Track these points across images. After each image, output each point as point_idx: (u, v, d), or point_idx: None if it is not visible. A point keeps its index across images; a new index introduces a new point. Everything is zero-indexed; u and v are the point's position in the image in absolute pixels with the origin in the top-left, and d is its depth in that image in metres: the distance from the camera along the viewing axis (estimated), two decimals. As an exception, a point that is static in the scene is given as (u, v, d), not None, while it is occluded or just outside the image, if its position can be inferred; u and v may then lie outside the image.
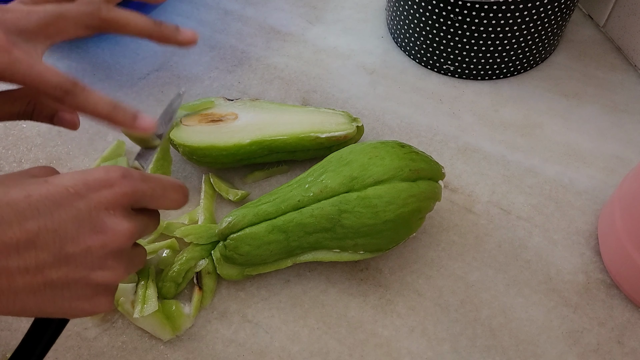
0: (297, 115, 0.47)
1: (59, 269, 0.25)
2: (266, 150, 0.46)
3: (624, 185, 0.40)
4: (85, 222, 0.25)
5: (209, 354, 0.40)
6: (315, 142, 0.46)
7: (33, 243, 0.24)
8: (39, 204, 0.24)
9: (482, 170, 0.49)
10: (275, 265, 0.42)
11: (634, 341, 0.39)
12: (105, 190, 0.26)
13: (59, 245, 0.25)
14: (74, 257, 0.25)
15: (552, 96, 0.54)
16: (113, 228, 0.26)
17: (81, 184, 0.26)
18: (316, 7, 0.65)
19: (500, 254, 0.44)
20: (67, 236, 0.25)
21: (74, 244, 0.25)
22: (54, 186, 0.25)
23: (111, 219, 0.26)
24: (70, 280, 0.26)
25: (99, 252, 0.26)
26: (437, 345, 0.40)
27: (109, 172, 0.27)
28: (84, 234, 0.25)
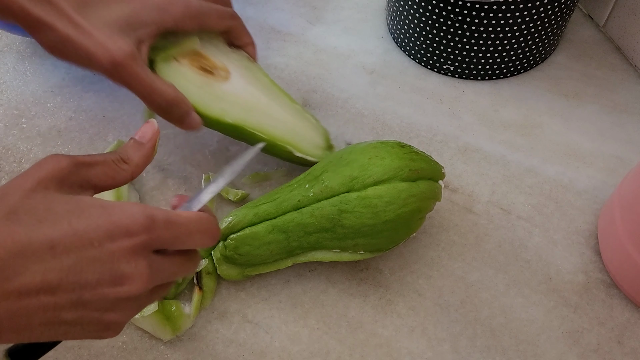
0: (283, 112, 0.45)
1: (74, 312, 0.26)
2: (243, 137, 0.44)
3: (624, 185, 0.40)
4: (105, 273, 0.26)
5: (209, 354, 0.40)
6: (288, 154, 0.45)
7: (53, 290, 0.25)
8: (62, 257, 0.25)
9: (482, 170, 0.49)
10: (275, 265, 0.42)
11: (634, 341, 0.39)
12: (127, 239, 0.26)
13: (78, 292, 0.25)
14: (90, 302, 0.26)
15: (552, 96, 0.54)
16: (131, 278, 0.27)
17: (105, 235, 0.26)
18: (316, 7, 0.65)
19: (500, 254, 0.44)
20: (87, 285, 0.25)
21: (91, 291, 0.26)
22: (79, 238, 0.25)
23: (130, 269, 0.27)
24: (83, 319, 0.26)
25: (114, 298, 0.27)
26: (437, 345, 0.40)
27: (134, 219, 0.27)
28: (102, 284, 0.26)
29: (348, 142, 0.52)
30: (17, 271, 0.24)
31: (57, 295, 0.25)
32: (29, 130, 0.54)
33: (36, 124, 0.55)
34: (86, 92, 0.57)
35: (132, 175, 0.31)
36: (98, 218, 0.26)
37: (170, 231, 0.28)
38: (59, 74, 0.58)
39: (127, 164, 0.31)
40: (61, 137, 0.53)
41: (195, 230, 0.30)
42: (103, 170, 0.29)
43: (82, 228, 0.25)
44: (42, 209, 0.25)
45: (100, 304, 0.26)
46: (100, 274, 0.26)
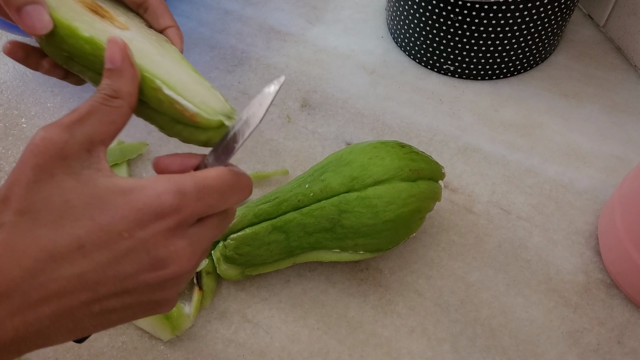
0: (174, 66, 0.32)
1: (121, 300, 0.25)
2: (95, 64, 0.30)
3: (624, 185, 0.40)
4: (143, 261, 0.24)
5: (209, 354, 0.40)
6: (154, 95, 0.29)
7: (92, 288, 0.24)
8: (94, 255, 0.23)
9: (482, 170, 0.49)
10: (275, 265, 0.42)
11: (634, 341, 0.39)
12: (158, 223, 0.24)
13: (119, 284, 0.24)
14: (135, 289, 0.25)
15: (552, 96, 0.54)
16: (171, 260, 0.25)
17: (134, 225, 0.24)
18: (316, 7, 0.65)
19: (500, 254, 0.44)
20: (127, 276, 0.24)
21: (133, 280, 0.25)
22: (106, 233, 0.24)
23: (168, 252, 0.25)
24: (133, 304, 0.25)
25: (159, 281, 0.25)
26: (437, 345, 0.40)
27: (161, 200, 0.24)
28: (143, 271, 0.25)
29: (348, 142, 0.52)
30: (51, 277, 0.23)
31: (98, 291, 0.24)
32: (29, 130, 0.54)
33: (36, 124, 0.55)
34: (86, 92, 0.57)
35: (131, 106, 0.27)
36: (122, 207, 0.24)
37: (204, 201, 0.26)
38: (59, 74, 0.58)
39: (118, 97, 0.27)
40: (61, 137, 0.53)
41: (230, 191, 0.27)
42: (99, 119, 0.26)
43: (107, 222, 0.24)
44: (58, 203, 0.24)
45: (147, 288, 0.25)
46: (138, 263, 0.24)
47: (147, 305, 0.26)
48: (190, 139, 0.31)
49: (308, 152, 0.51)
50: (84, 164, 0.25)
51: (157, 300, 0.26)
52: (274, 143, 0.52)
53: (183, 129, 0.30)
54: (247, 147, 0.52)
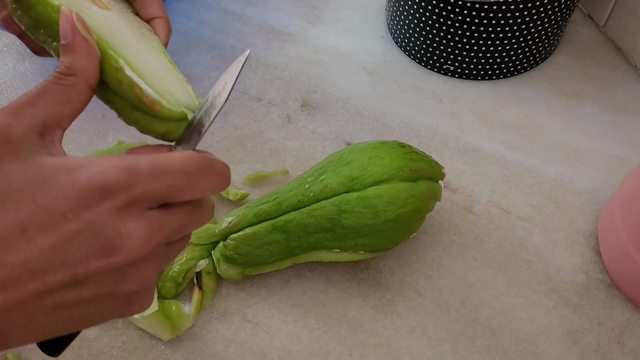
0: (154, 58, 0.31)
1: (76, 292, 0.23)
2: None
3: (624, 185, 0.40)
4: (92, 245, 0.23)
5: (209, 354, 0.40)
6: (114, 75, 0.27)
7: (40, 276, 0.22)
8: (37, 239, 0.22)
9: (482, 170, 0.49)
10: (275, 265, 0.42)
11: (634, 341, 0.39)
12: (105, 202, 0.22)
13: (69, 272, 0.22)
14: (88, 279, 0.23)
15: (552, 96, 0.54)
16: (123, 243, 0.23)
17: (78, 204, 0.22)
18: (316, 7, 0.65)
19: (500, 254, 0.44)
20: (75, 262, 0.22)
21: (83, 267, 0.23)
22: (50, 214, 0.22)
23: (119, 234, 0.23)
24: (93, 299, 0.24)
25: (114, 268, 0.23)
26: (437, 345, 0.40)
27: (106, 175, 0.22)
28: (93, 256, 0.23)
29: (348, 142, 0.52)
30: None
31: (46, 281, 0.22)
32: (29, 130, 0.54)
33: (36, 124, 0.55)
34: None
35: (88, 82, 0.25)
36: (65, 186, 0.22)
37: (162, 181, 0.23)
38: (59, 74, 0.58)
39: (73, 75, 0.25)
40: (61, 137, 0.53)
41: (198, 174, 0.24)
42: (51, 99, 0.24)
43: (49, 202, 0.22)
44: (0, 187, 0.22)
45: (102, 278, 0.23)
46: (87, 247, 0.22)
47: (111, 301, 0.24)
48: (147, 129, 0.28)
49: (308, 152, 0.51)
50: (33, 148, 0.23)
51: (121, 295, 0.24)
52: (274, 143, 0.52)
53: (141, 116, 0.28)
54: (247, 147, 0.52)
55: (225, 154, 0.51)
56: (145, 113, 0.28)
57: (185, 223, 0.25)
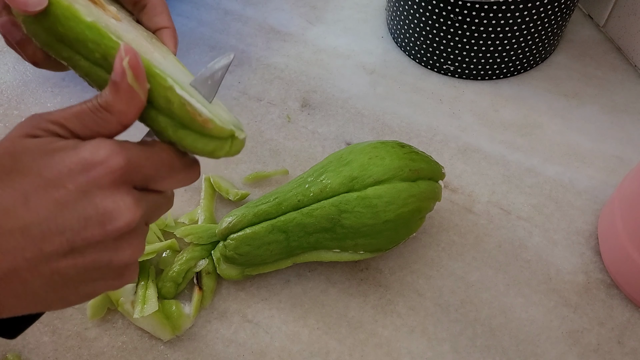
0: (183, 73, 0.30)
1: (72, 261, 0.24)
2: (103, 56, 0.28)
3: (624, 185, 0.40)
4: (89, 214, 0.24)
5: (209, 354, 0.40)
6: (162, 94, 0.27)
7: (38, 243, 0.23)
8: (38, 208, 0.23)
9: (482, 170, 0.49)
10: (275, 265, 0.42)
11: (634, 341, 0.39)
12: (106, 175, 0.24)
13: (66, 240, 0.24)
14: (84, 248, 0.24)
15: (552, 96, 0.54)
16: (117, 212, 0.25)
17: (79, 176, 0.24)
18: (316, 7, 0.65)
19: (500, 254, 0.44)
20: (73, 231, 0.24)
21: (80, 236, 0.24)
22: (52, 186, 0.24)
23: (113, 203, 0.25)
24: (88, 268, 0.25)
25: (109, 238, 0.25)
26: (437, 345, 0.40)
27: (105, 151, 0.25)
28: (90, 226, 0.24)
29: (348, 142, 0.52)
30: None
31: (43, 248, 0.23)
32: (29, 130, 0.54)
33: (36, 124, 0.55)
34: (86, 92, 0.57)
35: (122, 123, 0.26)
36: (68, 159, 0.24)
37: (152, 164, 0.26)
38: (59, 74, 0.58)
39: (109, 112, 0.26)
40: (61, 137, 0.53)
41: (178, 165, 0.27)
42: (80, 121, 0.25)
43: (54, 175, 0.24)
44: (8, 159, 0.24)
45: (97, 246, 0.25)
46: (85, 216, 0.24)
47: (106, 272, 0.26)
48: (193, 147, 0.28)
49: (308, 152, 0.51)
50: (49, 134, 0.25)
51: (116, 265, 0.26)
52: (274, 143, 0.52)
53: (187, 135, 0.27)
54: (247, 147, 0.52)
55: (225, 154, 0.51)
56: (191, 131, 0.27)
57: (157, 207, 0.28)
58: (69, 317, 0.42)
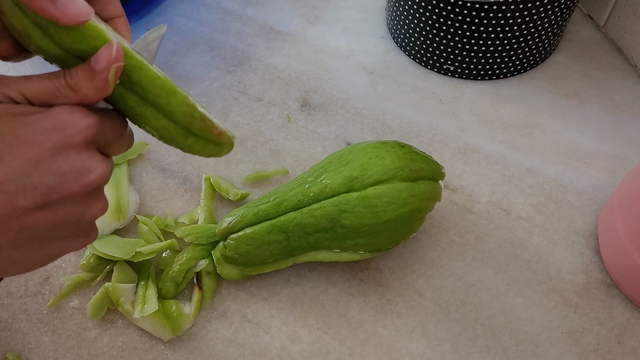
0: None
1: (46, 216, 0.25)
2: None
3: (624, 185, 0.40)
4: (65, 170, 0.25)
5: (209, 354, 0.40)
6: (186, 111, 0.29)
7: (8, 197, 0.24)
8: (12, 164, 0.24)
9: (482, 170, 0.49)
10: (275, 265, 0.42)
11: (634, 341, 0.39)
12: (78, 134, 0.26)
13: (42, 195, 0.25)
14: (60, 203, 0.25)
15: (552, 96, 0.54)
16: (92, 166, 0.26)
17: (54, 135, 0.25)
18: (316, 7, 0.65)
19: (500, 254, 0.44)
20: (49, 187, 0.25)
21: (58, 192, 0.25)
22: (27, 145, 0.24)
23: (87, 159, 0.26)
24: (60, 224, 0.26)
25: (81, 193, 0.26)
26: (437, 345, 0.40)
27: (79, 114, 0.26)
28: (66, 181, 0.25)
29: (348, 142, 0.52)
30: None
31: (16, 203, 0.24)
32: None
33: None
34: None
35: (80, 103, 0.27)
36: (43, 121, 0.25)
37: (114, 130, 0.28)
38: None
39: (73, 90, 0.27)
40: (61, 137, 0.53)
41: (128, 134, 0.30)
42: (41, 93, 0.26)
43: (27, 135, 0.24)
44: None
45: (70, 202, 0.26)
46: (59, 172, 0.25)
47: (73, 227, 0.27)
48: (201, 152, 0.31)
49: (308, 152, 0.51)
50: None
51: (83, 220, 0.27)
52: (274, 143, 0.52)
53: (195, 141, 0.30)
54: (247, 147, 0.52)
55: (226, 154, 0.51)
56: (199, 138, 0.30)
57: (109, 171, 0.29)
58: (69, 317, 0.42)
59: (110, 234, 0.45)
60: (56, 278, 0.44)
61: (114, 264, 0.43)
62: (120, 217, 0.45)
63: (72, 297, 0.43)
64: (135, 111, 0.29)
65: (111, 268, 0.43)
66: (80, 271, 0.44)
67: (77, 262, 0.45)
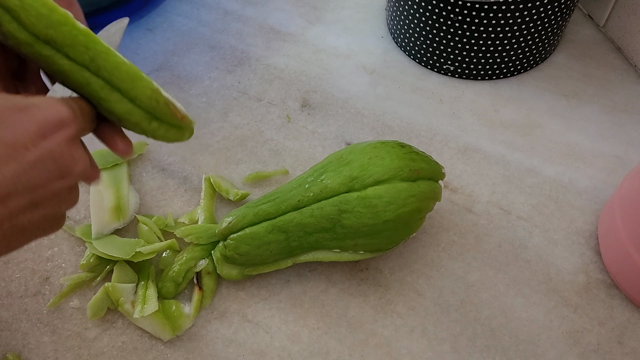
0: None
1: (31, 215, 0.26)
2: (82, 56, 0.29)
3: (624, 185, 0.40)
4: (51, 170, 0.26)
5: (209, 354, 0.40)
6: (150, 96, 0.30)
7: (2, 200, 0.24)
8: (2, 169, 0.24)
9: (482, 170, 0.49)
10: (275, 265, 0.42)
11: (634, 341, 0.39)
12: (61, 132, 0.27)
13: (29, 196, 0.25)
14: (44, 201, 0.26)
15: (552, 96, 0.54)
16: (74, 166, 0.27)
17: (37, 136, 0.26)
18: (316, 7, 0.65)
19: (500, 254, 0.44)
20: (37, 187, 0.26)
21: (43, 191, 0.26)
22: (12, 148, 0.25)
23: (71, 158, 0.27)
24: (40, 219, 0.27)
25: (66, 189, 0.27)
26: (437, 345, 0.40)
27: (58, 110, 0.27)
28: (51, 180, 0.26)
29: (348, 142, 0.52)
30: None
31: (9, 205, 0.25)
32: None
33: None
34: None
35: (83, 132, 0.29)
36: (23, 122, 0.25)
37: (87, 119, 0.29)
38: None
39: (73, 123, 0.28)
40: (61, 137, 0.53)
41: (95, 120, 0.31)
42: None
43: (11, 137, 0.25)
44: None
45: (56, 199, 0.27)
46: (47, 172, 0.26)
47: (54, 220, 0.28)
48: (164, 136, 0.32)
49: (308, 152, 0.51)
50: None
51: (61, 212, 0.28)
52: (274, 143, 0.52)
53: (159, 126, 0.31)
54: (247, 147, 0.52)
55: (225, 154, 0.51)
56: (162, 123, 0.31)
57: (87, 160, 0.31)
58: (69, 317, 0.42)
59: (110, 234, 0.45)
60: (56, 278, 0.44)
61: (114, 264, 0.43)
62: (120, 217, 0.45)
63: (72, 297, 0.43)
64: (100, 95, 0.29)
65: (111, 268, 0.43)
66: (80, 271, 0.44)
67: (77, 262, 0.45)
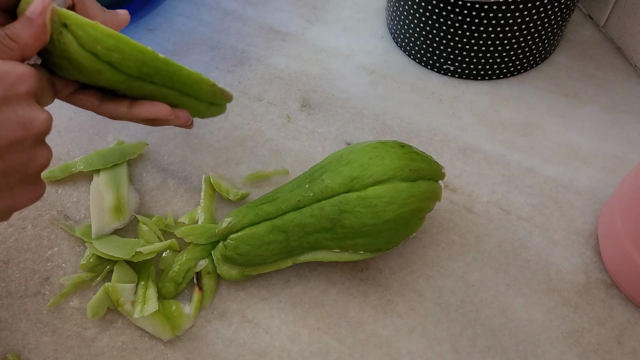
0: None
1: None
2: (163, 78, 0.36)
3: (624, 185, 0.40)
4: (13, 121, 0.27)
5: (209, 354, 0.40)
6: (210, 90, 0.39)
7: None
8: None
9: (482, 170, 0.49)
10: (275, 265, 0.42)
11: (634, 341, 0.39)
12: (21, 85, 0.27)
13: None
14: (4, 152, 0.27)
15: (552, 96, 0.54)
16: (38, 117, 0.28)
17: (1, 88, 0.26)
18: (316, 7, 0.65)
19: (500, 254, 0.44)
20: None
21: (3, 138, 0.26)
22: None
23: (35, 111, 0.28)
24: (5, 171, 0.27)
25: (28, 140, 0.28)
26: (437, 345, 0.40)
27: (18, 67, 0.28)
28: (13, 129, 0.27)
29: (348, 142, 0.52)
30: None
31: None
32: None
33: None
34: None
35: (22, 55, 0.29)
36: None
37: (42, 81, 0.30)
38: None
39: (14, 41, 0.29)
40: (61, 137, 0.53)
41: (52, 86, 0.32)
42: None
43: None
44: None
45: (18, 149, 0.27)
46: (7, 122, 0.26)
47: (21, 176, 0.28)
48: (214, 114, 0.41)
49: (308, 152, 0.51)
50: None
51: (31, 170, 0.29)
52: (274, 143, 0.52)
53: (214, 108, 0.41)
54: (247, 147, 0.52)
55: (225, 154, 0.51)
56: (216, 105, 0.41)
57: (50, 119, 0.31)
58: (69, 317, 0.42)
59: (110, 234, 0.45)
60: (56, 278, 0.44)
61: (114, 264, 0.43)
62: (120, 217, 0.45)
63: (72, 297, 0.43)
64: (173, 101, 0.37)
65: (111, 268, 0.43)
66: (80, 271, 0.44)
67: (77, 262, 0.45)
